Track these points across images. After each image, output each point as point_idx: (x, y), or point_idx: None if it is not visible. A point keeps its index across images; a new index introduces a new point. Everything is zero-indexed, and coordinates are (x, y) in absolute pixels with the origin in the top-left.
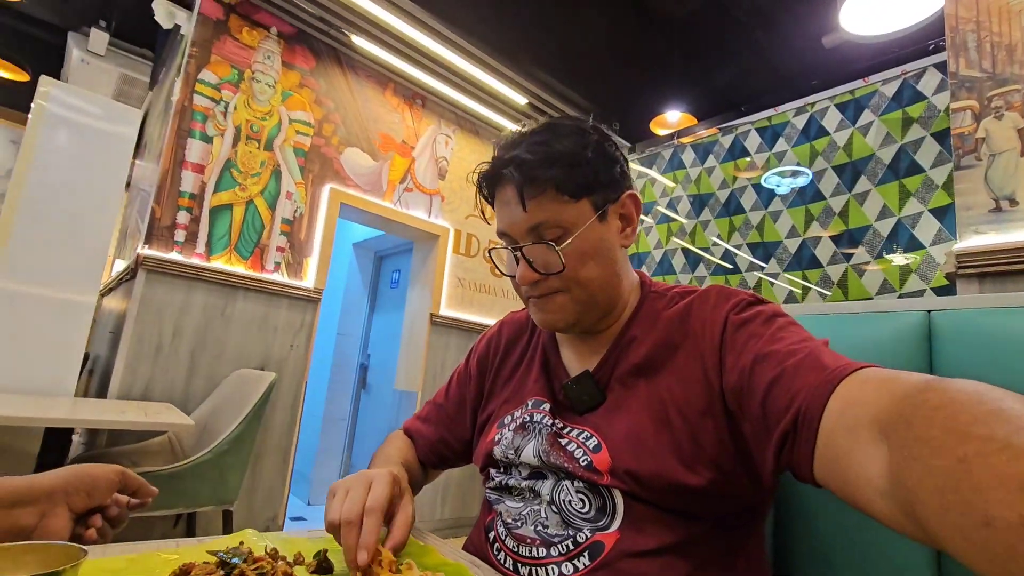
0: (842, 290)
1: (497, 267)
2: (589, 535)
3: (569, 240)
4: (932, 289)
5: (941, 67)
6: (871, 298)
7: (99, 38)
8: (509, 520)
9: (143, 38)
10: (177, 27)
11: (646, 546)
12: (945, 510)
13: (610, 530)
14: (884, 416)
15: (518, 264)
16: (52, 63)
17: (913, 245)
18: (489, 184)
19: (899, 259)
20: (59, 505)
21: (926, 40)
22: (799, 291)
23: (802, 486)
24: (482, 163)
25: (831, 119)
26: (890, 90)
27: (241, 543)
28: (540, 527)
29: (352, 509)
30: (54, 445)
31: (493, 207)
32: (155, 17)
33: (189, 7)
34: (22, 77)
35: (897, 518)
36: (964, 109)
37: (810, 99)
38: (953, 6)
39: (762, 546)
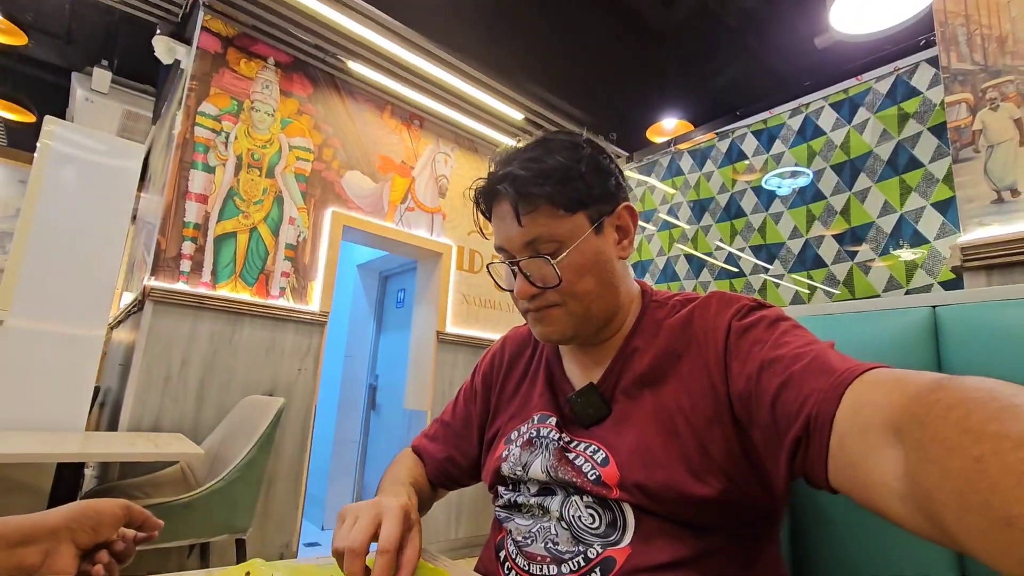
0: (848, 288)
1: (496, 282)
2: (600, 551)
3: (565, 254)
4: (939, 283)
5: (933, 62)
6: (878, 295)
7: (102, 77)
8: (519, 538)
9: (145, 74)
10: (177, 62)
11: (658, 560)
12: (965, 511)
13: (621, 545)
14: (897, 418)
15: (516, 278)
16: (57, 103)
17: (917, 240)
18: (486, 200)
19: (906, 254)
20: (64, 542)
21: (916, 36)
22: (805, 291)
23: (816, 492)
24: (478, 179)
25: (826, 119)
26: (884, 87)
27: (247, 573)
28: (550, 544)
29: (357, 538)
30: (66, 480)
31: (491, 222)
32: (155, 54)
33: (188, 42)
34: (28, 118)
35: (917, 521)
36: (959, 102)
37: (804, 100)
38: (941, 1)
39: (779, 555)
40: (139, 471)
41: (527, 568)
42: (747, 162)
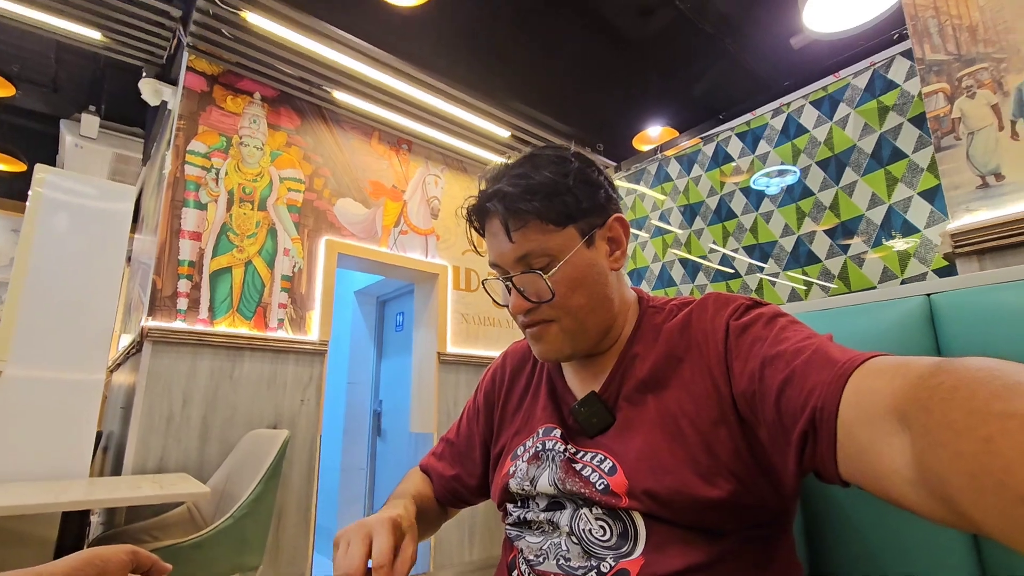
0: (844, 282)
1: (492, 298)
2: (613, 564)
3: (557, 268)
4: (933, 271)
5: (908, 54)
6: (874, 287)
7: (90, 122)
8: (531, 556)
9: (133, 117)
10: (164, 103)
11: (672, 568)
12: (979, 494)
13: (633, 556)
14: (901, 403)
15: (510, 294)
16: (47, 151)
17: (908, 229)
18: (478, 217)
19: (898, 244)
20: None
21: (890, 30)
22: (801, 287)
23: (827, 488)
24: (470, 197)
25: (808, 116)
26: (861, 82)
27: None
28: (562, 561)
29: (353, 563)
30: (72, 528)
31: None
32: (142, 96)
33: (174, 83)
34: (19, 167)
35: (931, 506)
36: (936, 92)
37: (785, 100)
38: None
39: (793, 554)
40: (146, 514)
41: None
42: (734, 164)
